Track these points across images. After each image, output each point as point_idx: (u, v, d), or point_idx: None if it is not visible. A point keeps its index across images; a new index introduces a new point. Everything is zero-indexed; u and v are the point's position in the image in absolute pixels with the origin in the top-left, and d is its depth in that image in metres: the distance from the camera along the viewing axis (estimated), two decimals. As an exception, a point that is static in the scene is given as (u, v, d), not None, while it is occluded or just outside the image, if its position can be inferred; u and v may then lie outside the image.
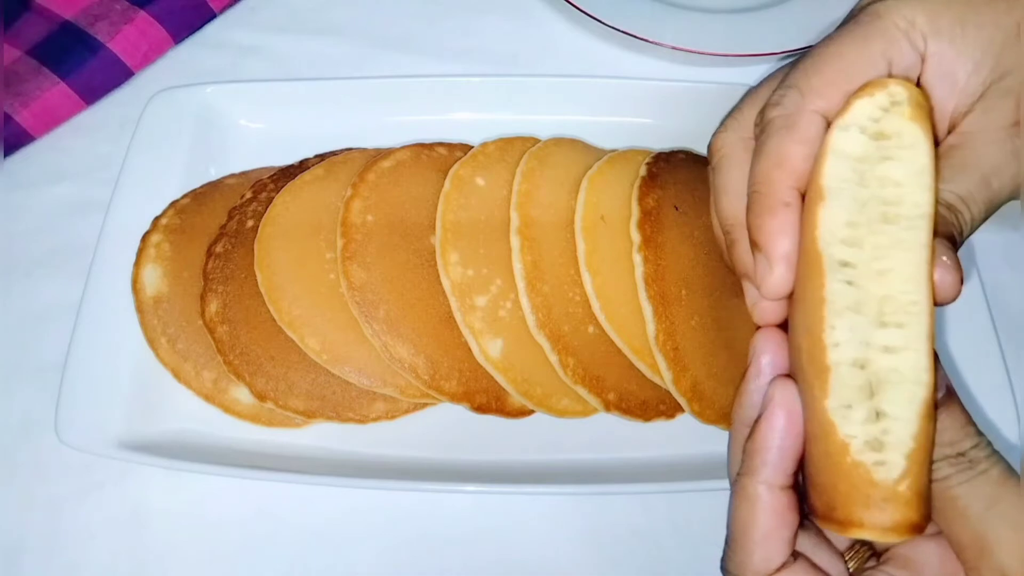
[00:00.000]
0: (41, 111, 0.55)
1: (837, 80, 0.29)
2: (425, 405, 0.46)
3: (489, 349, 0.43)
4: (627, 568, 0.44)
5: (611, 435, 0.45)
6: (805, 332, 0.26)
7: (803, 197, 0.28)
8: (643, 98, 0.54)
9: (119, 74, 0.58)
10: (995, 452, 0.27)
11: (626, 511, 0.45)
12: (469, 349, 0.43)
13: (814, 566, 0.28)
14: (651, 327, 0.42)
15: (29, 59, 0.56)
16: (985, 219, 0.29)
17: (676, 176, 0.46)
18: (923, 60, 0.30)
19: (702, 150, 0.50)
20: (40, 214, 0.53)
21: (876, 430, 0.25)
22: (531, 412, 0.45)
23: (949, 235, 0.27)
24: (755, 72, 0.55)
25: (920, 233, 0.26)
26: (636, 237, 0.43)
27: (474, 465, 0.45)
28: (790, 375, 0.28)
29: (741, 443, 0.29)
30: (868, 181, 0.26)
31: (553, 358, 0.43)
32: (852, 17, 0.31)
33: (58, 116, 0.56)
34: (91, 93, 0.57)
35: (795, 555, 0.27)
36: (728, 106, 0.36)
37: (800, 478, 0.28)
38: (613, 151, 0.50)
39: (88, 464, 0.45)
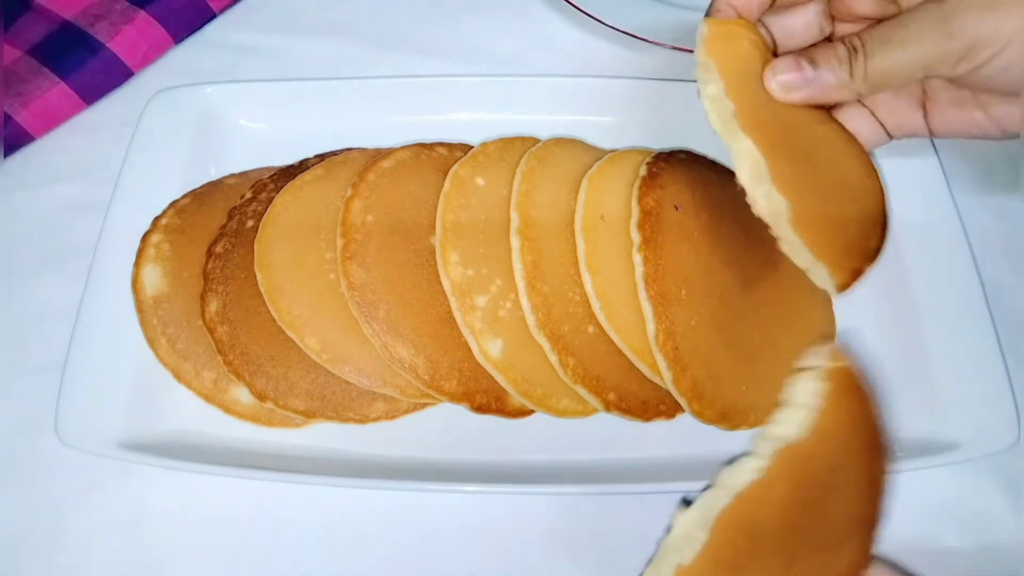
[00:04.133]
0: (41, 111, 0.55)
1: None
2: (425, 405, 0.46)
3: (489, 349, 0.43)
4: (627, 568, 0.44)
5: (611, 435, 0.45)
6: None
7: None
8: (642, 98, 0.54)
9: (119, 74, 0.58)
10: None
11: (626, 511, 0.45)
12: (469, 349, 0.43)
13: None
14: (651, 327, 0.42)
15: (29, 59, 0.56)
16: None
17: (676, 176, 0.46)
18: None
19: (702, 150, 0.51)
20: (40, 214, 0.53)
21: None
22: (531, 412, 0.45)
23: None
24: (755, 72, 0.55)
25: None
26: (636, 237, 0.43)
27: (474, 465, 0.45)
28: None
29: None
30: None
31: (553, 358, 0.43)
32: None
33: (58, 116, 0.56)
34: (91, 93, 0.57)
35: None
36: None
37: None
38: (613, 151, 0.50)
39: (88, 464, 0.44)
